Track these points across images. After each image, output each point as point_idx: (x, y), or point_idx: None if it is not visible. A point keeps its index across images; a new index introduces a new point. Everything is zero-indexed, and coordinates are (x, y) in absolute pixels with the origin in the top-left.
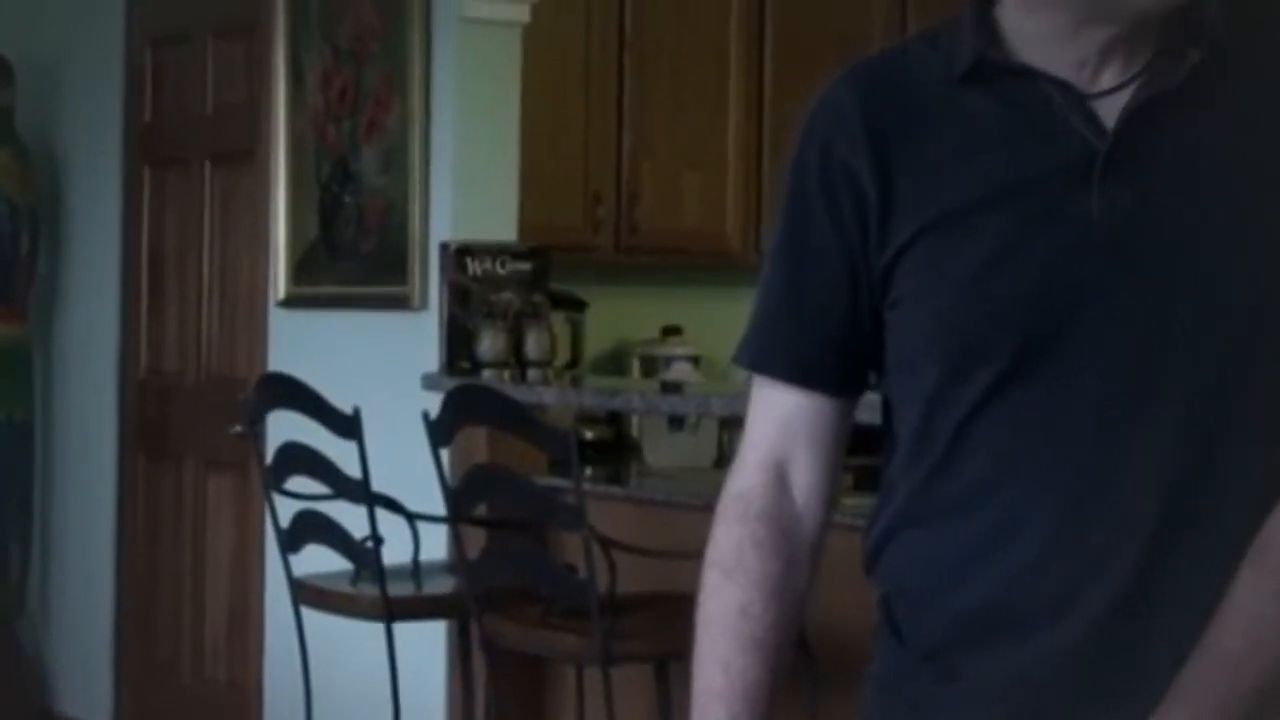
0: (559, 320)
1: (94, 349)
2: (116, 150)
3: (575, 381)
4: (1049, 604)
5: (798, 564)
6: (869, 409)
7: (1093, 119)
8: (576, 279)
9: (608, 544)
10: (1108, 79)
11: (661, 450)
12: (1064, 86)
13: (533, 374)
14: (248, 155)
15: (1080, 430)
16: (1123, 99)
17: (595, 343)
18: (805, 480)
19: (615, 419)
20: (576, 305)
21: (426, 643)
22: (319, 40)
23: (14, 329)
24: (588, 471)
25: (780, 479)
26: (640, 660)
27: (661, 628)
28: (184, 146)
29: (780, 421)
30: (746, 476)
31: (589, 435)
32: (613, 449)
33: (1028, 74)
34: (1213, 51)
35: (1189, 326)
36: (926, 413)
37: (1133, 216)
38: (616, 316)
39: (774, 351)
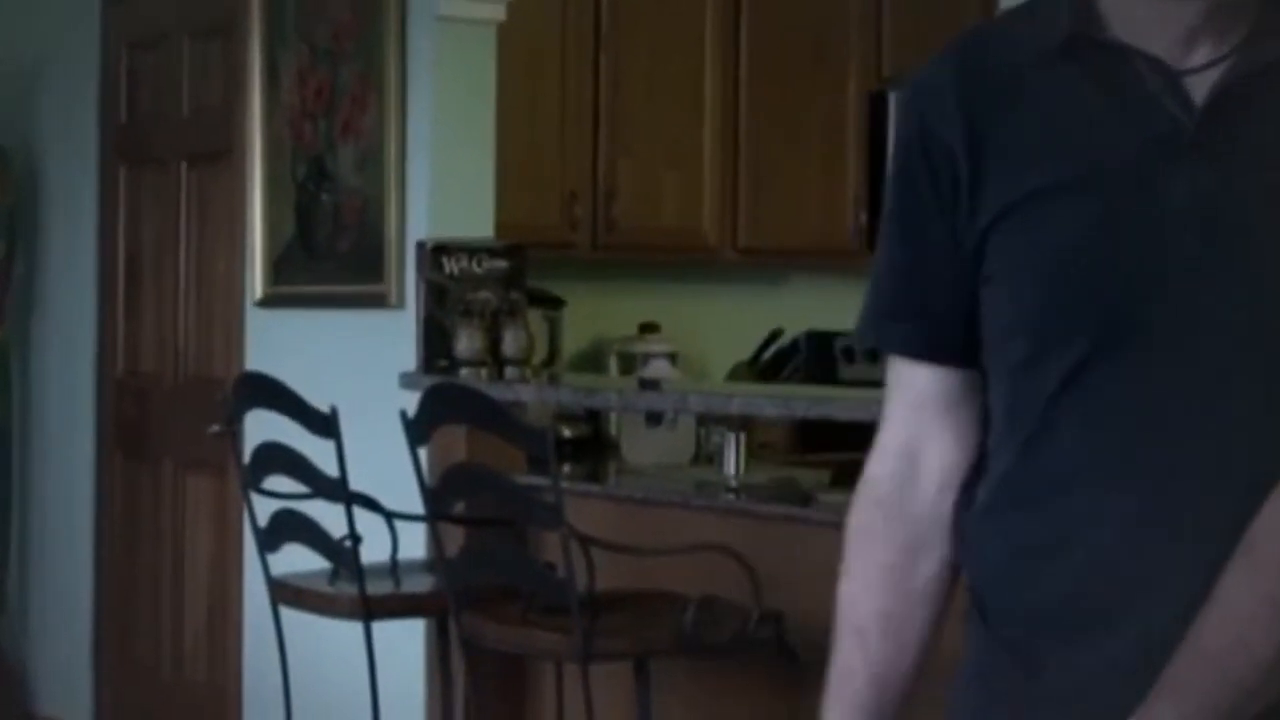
0: (536, 318)
1: (72, 349)
2: (93, 151)
3: (553, 379)
4: (1129, 597)
5: (921, 551)
6: (850, 406)
7: (1184, 97)
8: (554, 277)
9: (586, 542)
10: (1200, 56)
11: (640, 447)
12: (1156, 63)
13: (510, 372)
14: (224, 155)
15: (1163, 418)
16: (1214, 77)
17: (573, 340)
18: (939, 462)
19: (594, 417)
20: (554, 303)
21: (406, 641)
22: (295, 40)
23: None
24: (566, 469)
25: (910, 464)
26: (619, 658)
27: (641, 625)
28: (161, 147)
29: (912, 401)
30: (875, 462)
31: (567, 433)
32: (591, 446)
33: (1121, 50)
34: None
35: (1271, 313)
36: (1012, 389)
37: (1219, 197)
38: (594, 314)
39: (898, 327)
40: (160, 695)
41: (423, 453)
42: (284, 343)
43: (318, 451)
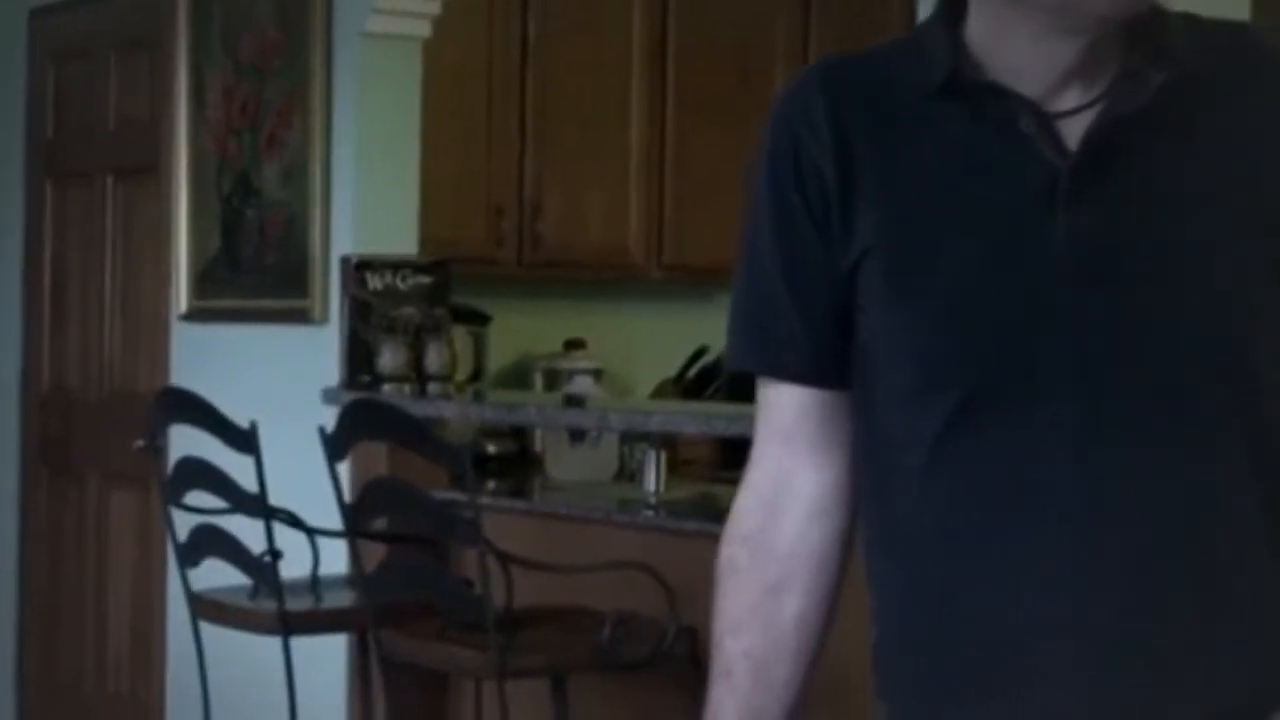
0: (462, 334)
1: None
2: (18, 165)
3: (477, 395)
4: (1025, 648)
5: (787, 589)
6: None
7: (1057, 140)
8: (480, 293)
9: (505, 558)
10: (1072, 99)
11: (563, 464)
12: (1030, 105)
13: (433, 388)
14: (150, 170)
15: (1050, 461)
16: (1087, 120)
17: (499, 356)
18: (807, 492)
19: (519, 433)
20: (479, 319)
21: (327, 657)
22: (221, 55)
23: None
24: (490, 485)
25: (776, 496)
26: (536, 674)
27: (558, 642)
28: (86, 161)
29: (784, 429)
30: (741, 496)
31: (492, 449)
32: (516, 462)
33: (996, 91)
34: (1177, 75)
35: (1158, 351)
36: (899, 424)
37: (1097, 240)
38: (520, 330)
39: (774, 348)
40: (84, 709)
41: (346, 468)
42: (209, 357)
43: (242, 466)
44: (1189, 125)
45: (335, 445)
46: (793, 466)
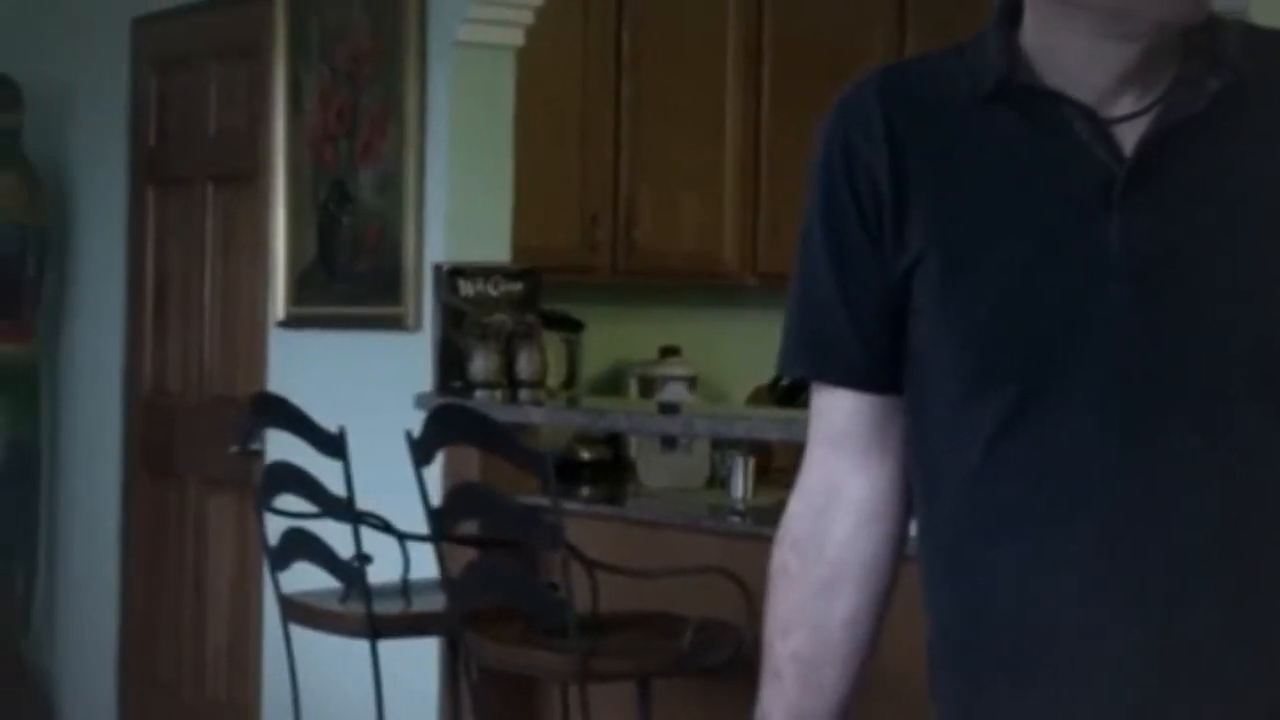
0: (555, 341)
1: (99, 368)
2: (122, 172)
3: (571, 402)
4: (1075, 649)
5: (836, 593)
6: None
7: (1113, 145)
8: (574, 300)
9: (589, 563)
10: (1126, 105)
11: (655, 470)
12: (1085, 111)
13: (524, 394)
14: (248, 177)
15: (1103, 462)
16: (1142, 125)
17: (594, 363)
18: (858, 497)
19: (614, 440)
20: (573, 326)
21: (420, 660)
22: (317, 62)
23: (21, 348)
24: (584, 491)
25: (827, 503)
26: (618, 678)
27: (641, 646)
28: (187, 168)
29: (835, 434)
30: (794, 500)
31: (586, 456)
32: (610, 469)
33: (1050, 97)
34: (1232, 81)
35: (1208, 358)
36: (950, 427)
37: (1152, 244)
38: (614, 337)
39: (827, 354)
40: (182, 712)
41: (437, 473)
42: (304, 363)
43: (336, 471)
44: (1244, 132)
45: (421, 450)
46: (843, 471)
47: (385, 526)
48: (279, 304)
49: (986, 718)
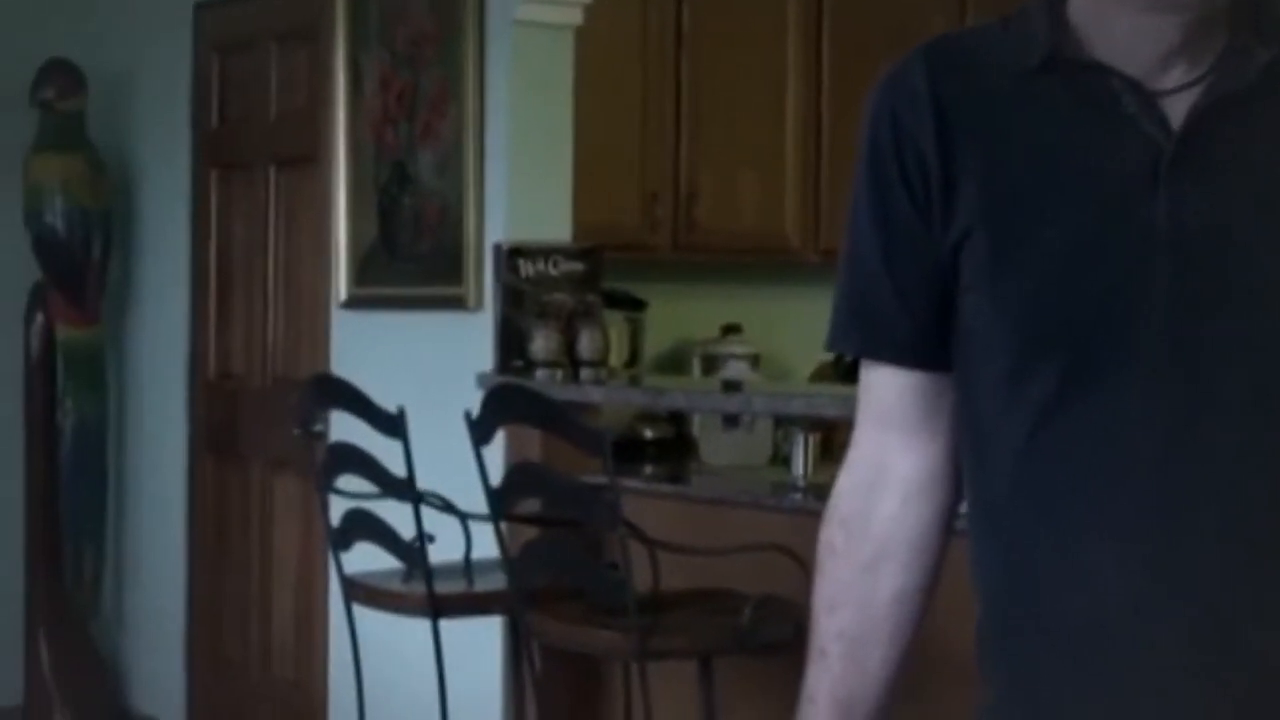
0: (618, 320)
1: (164, 351)
2: (185, 155)
3: (633, 381)
4: (1124, 627)
5: (882, 569)
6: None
7: (1161, 118)
8: (636, 278)
9: (651, 542)
10: (1175, 77)
11: (717, 449)
12: (1132, 84)
13: (586, 373)
14: (310, 159)
15: (1145, 441)
16: (1191, 98)
17: (656, 342)
18: (904, 474)
19: (675, 418)
20: (635, 305)
21: (485, 640)
22: (377, 45)
23: (87, 331)
24: (647, 470)
25: (874, 479)
26: (678, 656)
27: (701, 624)
28: (249, 151)
29: (882, 411)
30: (842, 477)
31: (649, 434)
32: (673, 448)
33: (1098, 70)
34: None
35: (1257, 334)
36: (994, 406)
37: (1200, 219)
38: (677, 316)
39: (876, 332)
40: (250, 692)
41: (499, 452)
42: (367, 344)
43: (401, 452)
44: None
45: (480, 430)
46: (891, 448)
47: (447, 506)
48: (341, 285)
49: (1039, 696)
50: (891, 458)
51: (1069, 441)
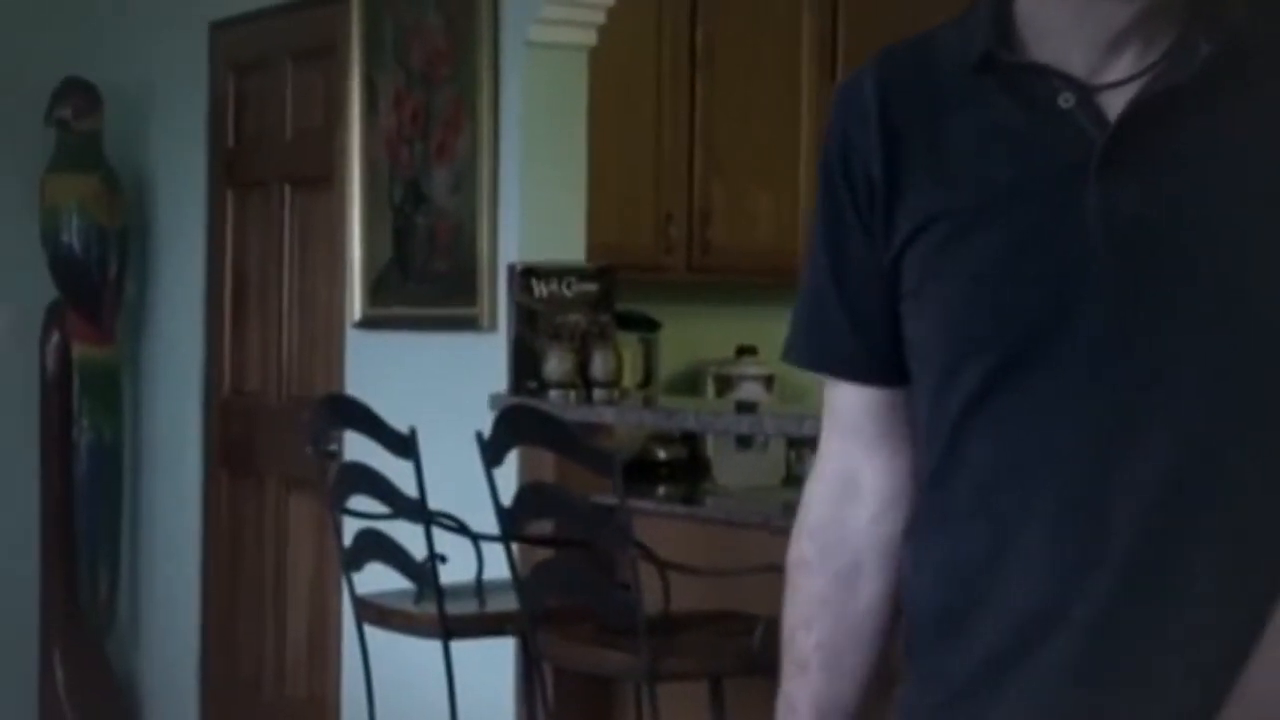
0: (631, 340)
1: (180, 369)
2: (201, 174)
3: (648, 402)
4: (1047, 618)
5: (856, 581)
6: None
7: (1098, 113)
8: (650, 299)
9: (662, 564)
10: (1119, 71)
11: (731, 469)
12: (1070, 80)
13: (599, 394)
14: (325, 179)
15: (1073, 436)
16: (1131, 92)
17: (671, 363)
18: (872, 487)
19: (690, 439)
20: (649, 325)
21: (497, 661)
22: (392, 64)
23: (103, 350)
24: (660, 490)
25: (845, 487)
26: (687, 678)
27: (711, 645)
28: (265, 170)
29: (847, 424)
30: (810, 485)
31: (663, 455)
32: (686, 469)
33: (1035, 69)
34: (1230, 45)
35: (1191, 329)
36: (930, 408)
37: (1133, 217)
38: (691, 336)
39: (828, 347)
40: (263, 711)
41: (513, 472)
42: (381, 364)
43: (410, 472)
44: (1242, 96)
45: (491, 451)
46: (859, 459)
47: (459, 527)
48: (355, 305)
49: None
50: (859, 469)
51: (995, 438)
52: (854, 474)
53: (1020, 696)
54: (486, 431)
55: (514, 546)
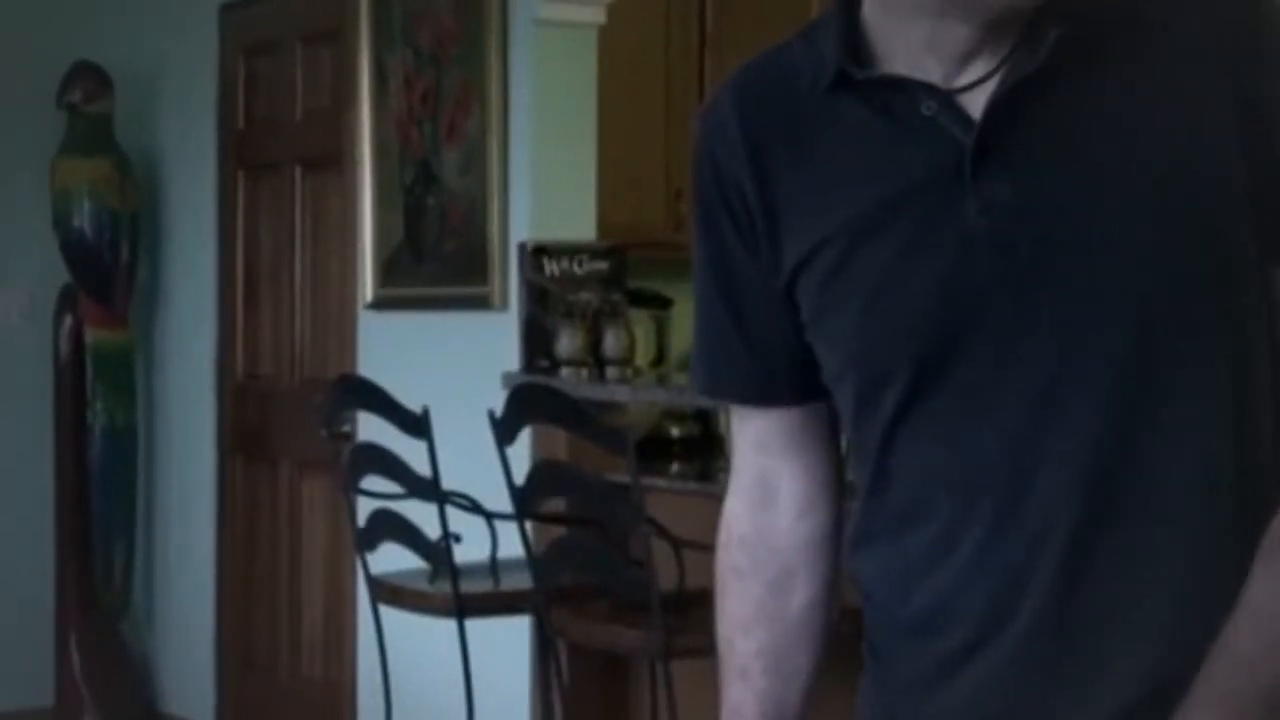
0: (644, 318)
1: (192, 352)
2: (211, 157)
3: (660, 379)
4: (980, 620)
5: (789, 582)
6: None
7: (961, 115)
8: (661, 277)
9: (676, 540)
10: (975, 71)
11: None
12: (929, 88)
13: (611, 372)
14: (335, 160)
15: (991, 444)
16: (989, 89)
17: (683, 340)
18: (792, 489)
19: (703, 416)
20: (661, 303)
21: (512, 638)
22: (401, 45)
23: (116, 334)
24: (674, 468)
25: (764, 497)
26: (700, 654)
27: None
28: (275, 152)
29: (755, 440)
30: (730, 501)
31: (676, 432)
32: (700, 445)
33: (890, 81)
34: (1072, 28)
35: (1088, 319)
36: (853, 429)
37: (1014, 210)
38: None
39: (725, 376)
40: (279, 691)
41: (526, 451)
42: (393, 345)
43: (424, 451)
44: (1091, 78)
45: (503, 429)
46: (774, 468)
47: (472, 506)
48: (367, 286)
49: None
50: (776, 476)
51: (914, 454)
52: (770, 481)
53: (974, 687)
54: (499, 410)
55: (528, 525)
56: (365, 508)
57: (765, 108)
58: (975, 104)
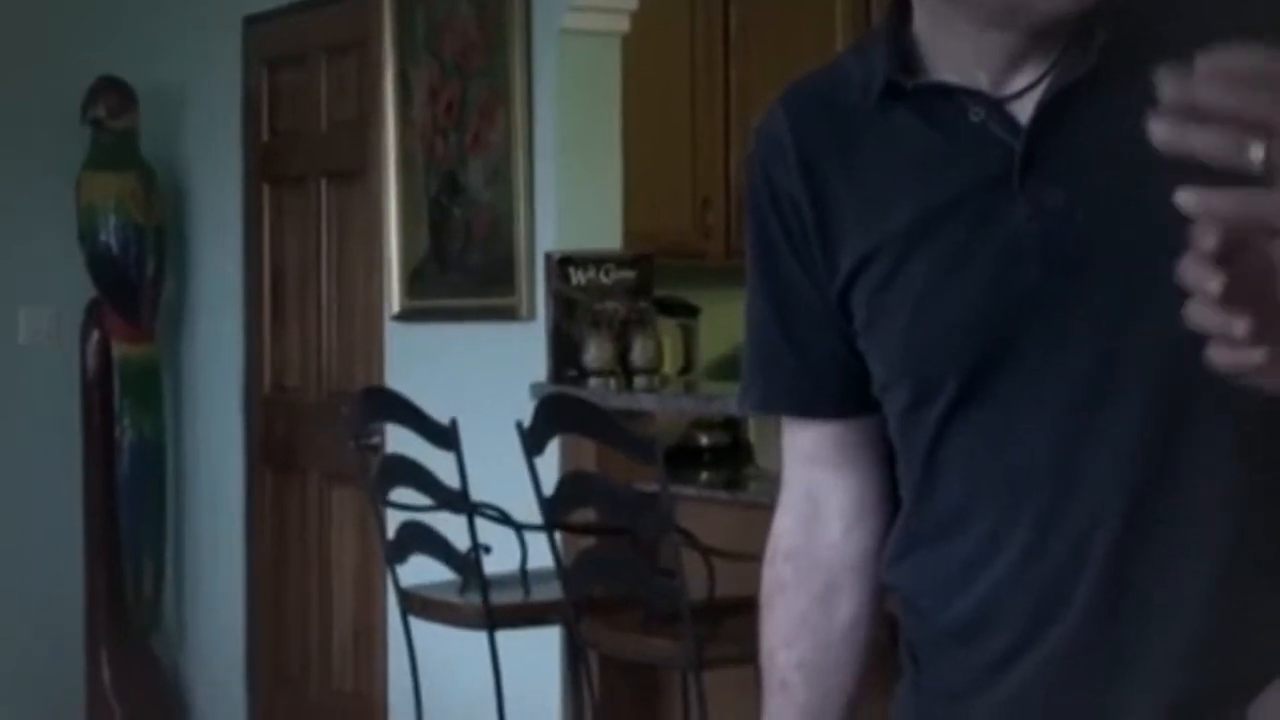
0: (671, 327)
1: (220, 366)
2: (237, 170)
3: (689, 387)
4: (1023, 625)
5: (834, 597)
6: None
7: (1010, 122)
8: (689, 285)
9: (706, 550)
10: (1023, 79)
11: (773, 453)
12: (977, 95)
13: (639, 381)
14: (360, 172)
15: (1037, 449)
16: (1037, 96)
17: (711, 348)
18: (841, 504)
19: (732, 424)
20: (689, 311)
21: (543, 649)
22: (425, 55)
23: (142, 348)
24: (703, 476)
25: (813, 512)
26: (733, 664)
27: (755, 631)
28: (300, 164)
29: (806, 454)
30: (779, 516)
31: (705, 441)
32: (729, 454)
33: (940, 90)
34: (1121, 30)
35: (1138, 323)
36: (901, 434)
37: (1064, 215)
38: (730, 321)
39: (778, 389)
40: (310, 704)
41: (555, 461)
42: (421, 356)
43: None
44: (1136, 80)
45: (532, 439)
46: (823, 482)
47: (501, 517)
48: (394, 298)
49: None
50: (825, 491)
51: (965, 461)
52: (819, 496)
53: (1017, 692)
54: (527, 421)
55: (557, 535)
56: (394, 520)
57: (817, 120)
58: (1024, 110)
